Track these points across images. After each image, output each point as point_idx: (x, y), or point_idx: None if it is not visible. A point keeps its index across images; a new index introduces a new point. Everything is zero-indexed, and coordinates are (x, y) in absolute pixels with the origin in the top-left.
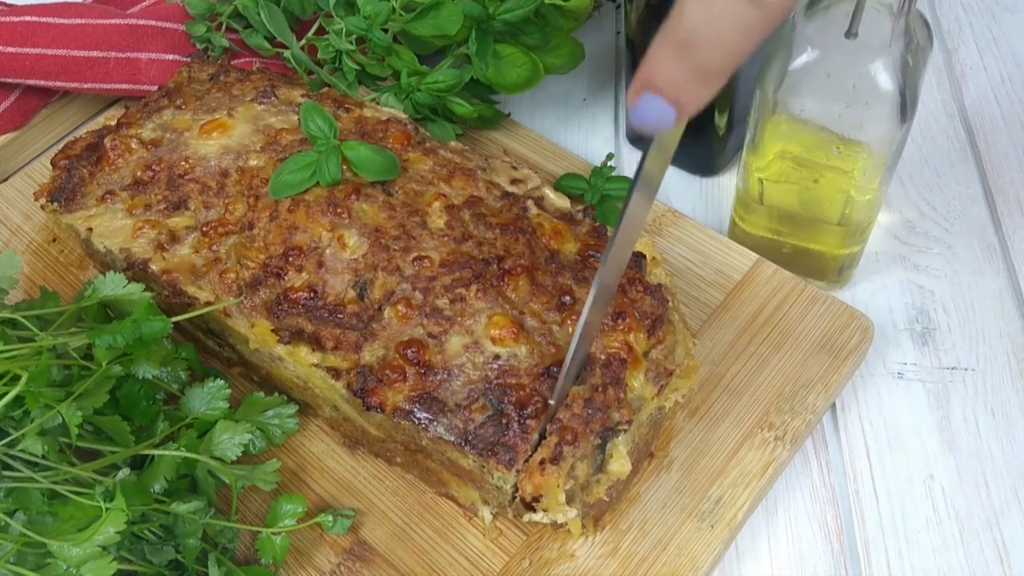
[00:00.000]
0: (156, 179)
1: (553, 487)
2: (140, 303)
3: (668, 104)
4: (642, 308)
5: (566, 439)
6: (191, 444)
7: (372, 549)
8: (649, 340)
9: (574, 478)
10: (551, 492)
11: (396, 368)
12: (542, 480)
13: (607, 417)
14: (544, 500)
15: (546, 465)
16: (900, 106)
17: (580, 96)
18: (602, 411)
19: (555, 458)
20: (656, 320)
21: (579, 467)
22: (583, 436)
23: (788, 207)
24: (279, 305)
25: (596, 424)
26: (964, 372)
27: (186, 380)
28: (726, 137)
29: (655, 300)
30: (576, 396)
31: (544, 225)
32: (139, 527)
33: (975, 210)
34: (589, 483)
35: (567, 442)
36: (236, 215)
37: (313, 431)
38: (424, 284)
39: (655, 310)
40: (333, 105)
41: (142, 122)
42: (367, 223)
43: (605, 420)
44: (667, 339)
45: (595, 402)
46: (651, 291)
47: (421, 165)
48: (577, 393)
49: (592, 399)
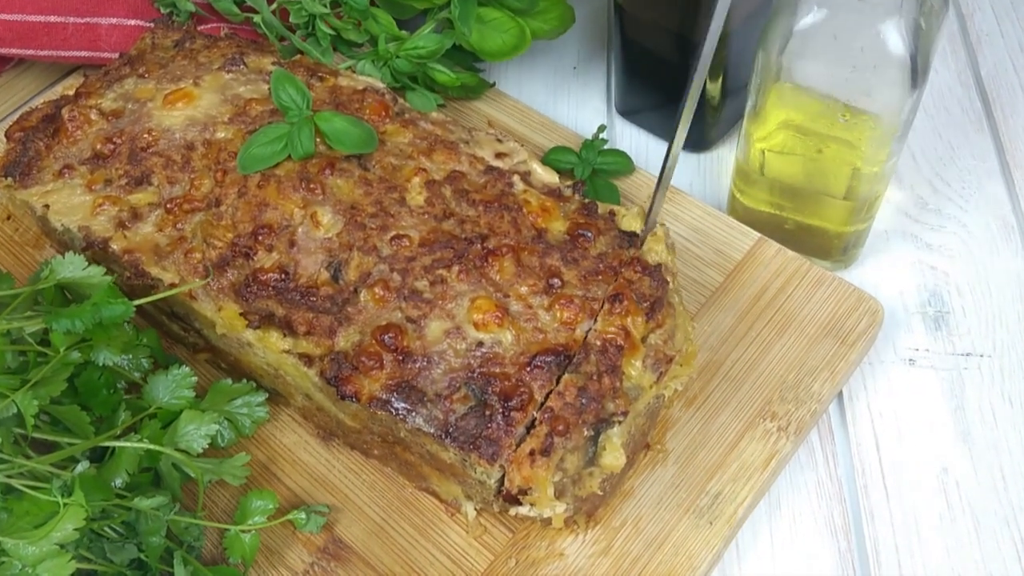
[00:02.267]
0: (117, 153)
1: (542, 480)
2: (100, 285)
3: None
4: (640, 290)
5: (557, 430)
6: (154, 435)
7: (348, 548)
8: (647, 324)
9: (563, 471)
10: (540, 485)
11: (372, 355)
12: (531, 473)
13: (601, 407)
14: (532, 494)
15: (536, 457)
16: (911, 72)
17: (570, 64)
18: (596, 401)
19: (545, 449)
20: (655, 302)
21: (569, 459)
22: (575, 427)
23: (790, 180)
24: (248, 287)
25: (590, 415)
26: (980, 358)
27: (149, 367)
28: (720, 107)
29: (654, 281)
30: (568, 384)
31: (531, 202)
32: (99, 524)
33: (991, 186)
34: (581, 476)
35: (558, 433)
36: (202, 191)
37: (285, 422)
38: (402, 265)
39: (654, 291)
40: (306, 73)
41: (102, 92)
42: (342, 200)
43: (599, 411)
44: (667, 323)
45: (589, 391)
46: (650, 271)
47: (400, 138)
48: (570, 381)
49: (586, 388)
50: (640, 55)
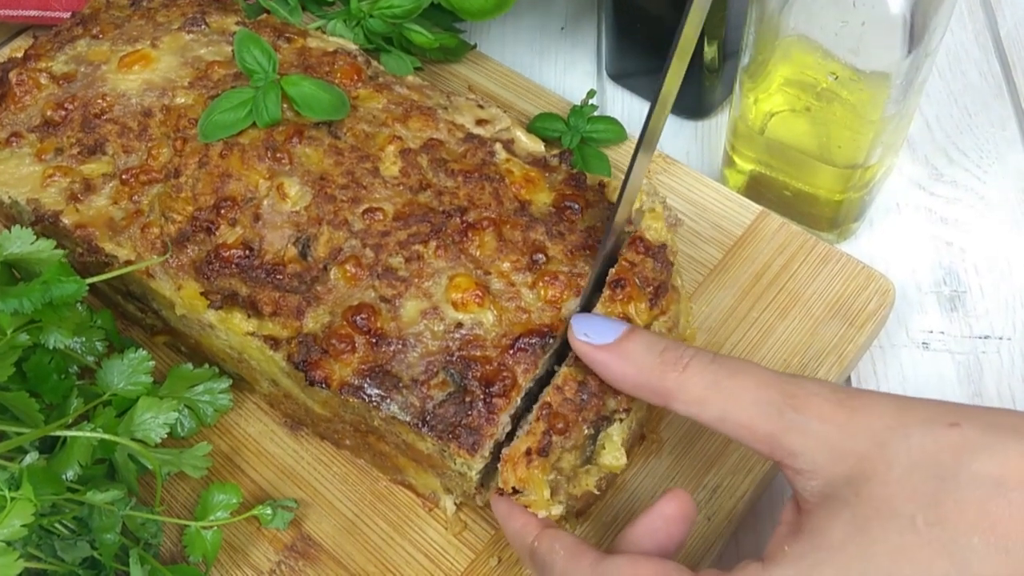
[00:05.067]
0: (69, 119)
1: (539, 482)
2: (50, 262)
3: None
4: (643, 273)
5: (556, 428)
6: (109, 424)
7: (317, 545)
8: (651, 311)
9: (558, 469)
10: (536, 487)
11: (343, 337)
12: (527, 474)
13: (602, 404)
14: (527, 495)
15: (532, 456)
16: (908, 32)
17: (557, 24)
18: (598, 396)
19: (543, 449)
20: (659, 287)
21: (565, 458)
22: (575, 425)
23: (790, 141)
24: (209, 264)
25: (590, 412)
26: (999, 341)
27: (103, 351)
28: (718, 72)
29: (658, 263)
30: (568, 378)
31: (514, 172)
32: (49, 520)
33: (1011, 155)
34: (577, 474)
35: (557, 432)
36: (160, 161)
37: (249, 409)
38: (376, 240)
39: (658, 275)
40: (272, 34)
41: (53, 54)
42: (311, 170)
43: (600, 407)
44: (671, 309)
45: (590, 386)
46: (653, 252)
47: (373, 103)
48: (570, 375)
49: (586, 382)
50: (633, 14)
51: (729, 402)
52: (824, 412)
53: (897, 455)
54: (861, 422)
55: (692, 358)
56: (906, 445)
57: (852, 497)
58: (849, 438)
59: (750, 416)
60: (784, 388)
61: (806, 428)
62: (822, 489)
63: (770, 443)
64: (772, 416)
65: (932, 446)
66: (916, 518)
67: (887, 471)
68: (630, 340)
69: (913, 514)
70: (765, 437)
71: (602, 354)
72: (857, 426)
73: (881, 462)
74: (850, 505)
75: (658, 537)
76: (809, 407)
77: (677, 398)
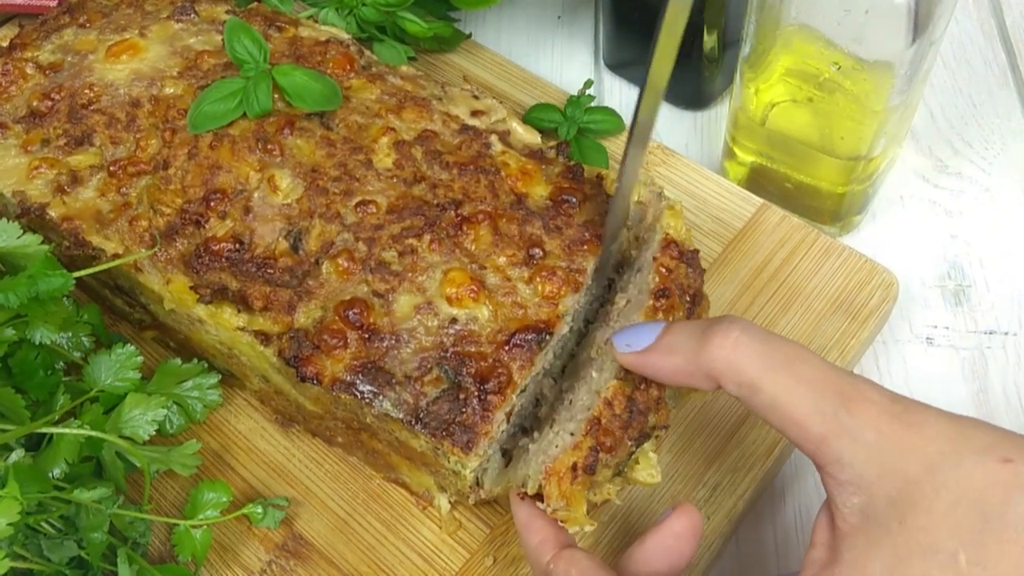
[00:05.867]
0: (55, 110)
1: (580, 498)
2: (36, 256)
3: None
4: (679, 280)
5: (604, 445)
6: (96, 421)
7: (309, 544)
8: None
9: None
10: (577, 503)
11: (335, 332)
12: (570, 490)
13: (646, 420)
14: (565, 511)
15: (578, 473)
16: (912, 21)
17: (554, 13)
18: (643, 413)
19: (589, 466)
20: (695, 295)
21: (602, 472)
22: (621, 443)
23: (792, 133)
24: (199, 258)
25: (635, 429)
26: (1004, 336)
27: (90, 346)
28: (718, 61)
29: (691, 269)
30: (618, 393)
31: (510, 164)
32: (35, 518)
33: (1017, 146)
34: (603, 484)
35: (605, 449)
36: (149, 152)
37: (239, 406)
38: (368, 234)
39: (693, 282)
40: (263, 23)
41: (39, 43)
42: (302, 162)
43: (643, 424)
44: (704, 317)
45: (637, 402)
46: (687, 257)
47: (366, 94)
48: (619, 389)
49: (634, 398)
50: (631, 3)
51: (782, 392)
52: (880, 424)
53: (946, 484)
54: (915, 441)
55: (741, 333)
56: (955, 475)
57: (895, 525)
58: (900, 457)
59: (803, 412)
60: (841, 387)
61: (859, 437)
62: (863, 507)
63: (817, 445)
64: (827, 416)
65: (982, 481)
66: (959, 556)
67: (934, 501)
68: (669, 333)
69: (955, 551)
70: (815, 437)
71: (647, 357)
72: (910, 445)
73: (929, 489)
74: (892, 534)
75: (670, 556)
76: (865, 414)
77: (729, 379)
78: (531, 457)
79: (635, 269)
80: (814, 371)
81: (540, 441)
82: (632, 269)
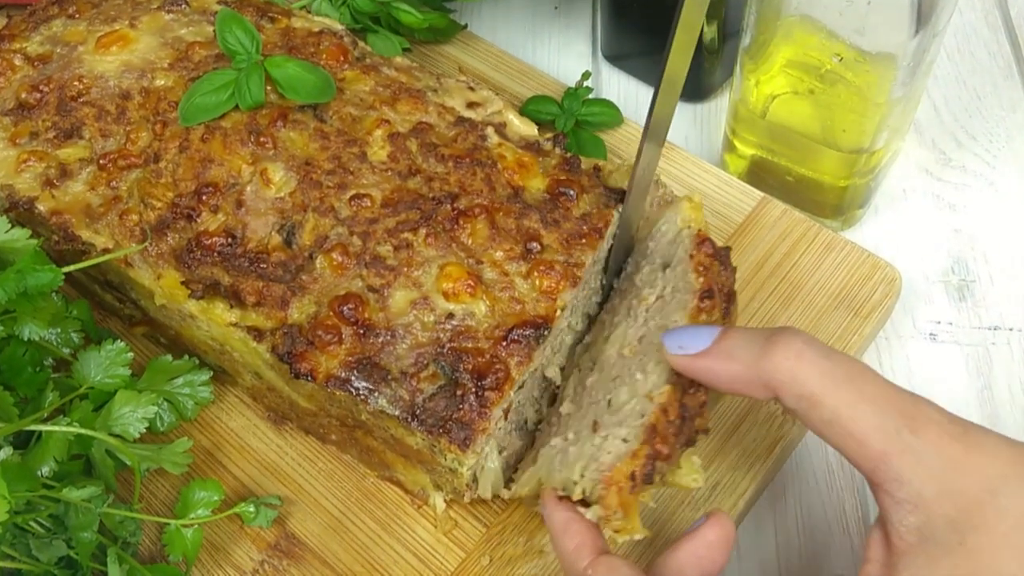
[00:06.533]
0: (44, 102)
1: (635, 506)
2: (25, 250)
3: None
4: (717, 279)
5: (661, 453)
6: (86, 419)
7: (302, 544)
8: (724, 320)
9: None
10: (633, 513)
11: (329, 328)
12: (630, 499)
13: (693, 426)
14: (621, 520)
15: (637, 482)
16: (915, 12)
17: (551, 3)
18: (691, 419)
19: (648, 475)
20: (729, 294)
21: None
22: (675, 450)
23: (794, 126)
24: (190, 253)
25: (683, 436)
26: (1009, 332)
27: (80, 342)
28: (718, 53)
29: (724, 268)
30: (671, 398)
31: (506, 157)
32: (24, 517)
33: (1022, 139)
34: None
35: (662, 457)
36: (139, 145)
37: (231, 403)
38: (363, 228)
39: (726, 280)
40: (255, 14)
41: (27, 34)
42: (295, 155)
43: (692, 430)
44: (736, 318)
45: (688, 407)
46: (720, 255)
47: (360, 85)
48: (672, 394)
49: (685, 404)
50: None
51: (844, 407)
52: (941, 444)
53: (1008, 507)
54: (976, 462)
55: (804, 345)
56: (1017, 498)
57: (956, 546)
58: (961, 478)
59: (864, 429)
60: (903, 406)
61: (921, 456)
62: (920, 527)
63: (876, 463)
64: (889, 435)
65: None
66: None
67: (996, 523)
68: (728, 338)
69: (1017, 573)
70: (874, 455)
71: (704, 360)
72: (971, 466)
73: (991, 511)
74: (952, 554)
75: (703, 564)
76: (927, 433)
77: (789, 391)
78: (571, 460)
79: (656, 262)
80: (876, 389)
81: (580, 444)
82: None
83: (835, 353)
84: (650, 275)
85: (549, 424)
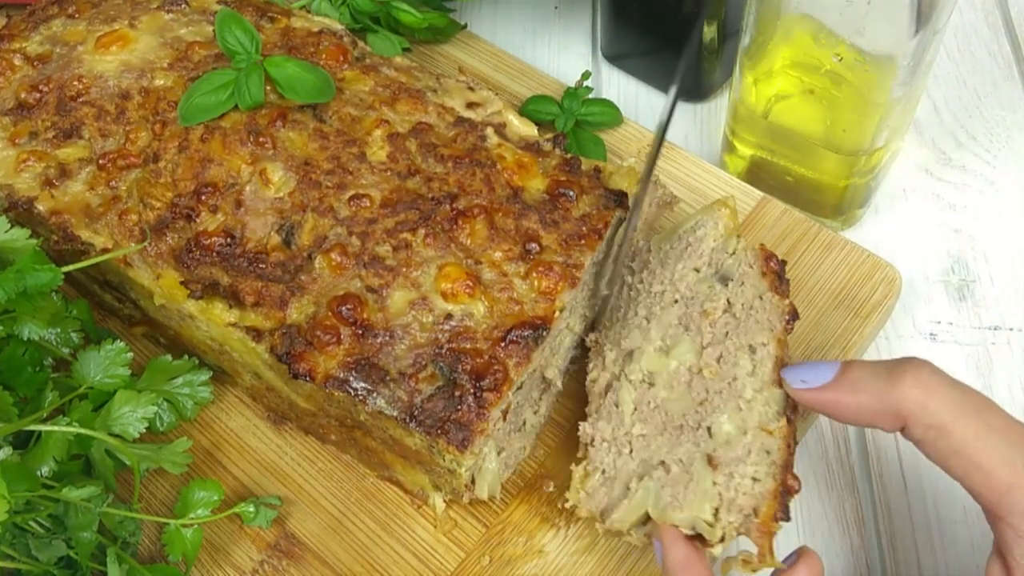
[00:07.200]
0: (44, 102)
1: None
2: (24, 250)
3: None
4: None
5: (792, 488)
6: (85, 418)
7: (301, 544)
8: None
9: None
10: (771, 548)
11: (328, 328)
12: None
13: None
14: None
15: (778, 523)
16: (915, 12)
17: (551, 4)
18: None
19: (786, 511)
20: (792, 310)
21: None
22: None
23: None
24: (190, 252)
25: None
26: (1009, 332)
27: (79, 342)
28: (718, 53)
29: (782, 283)
30: (790, 432)
31: (506, 157)
32: (23, 517)
33: (1022, 139)
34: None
35: (792, 492)
36: (139, 145)
37: (231, 403)
38: (362, 228)
39: (786, 295)
40: (255, 14)
41: (27, 34)
42: (295, 155)
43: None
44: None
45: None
46: (780, 268)
47: (360, 85)
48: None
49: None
50: None
51: (972, 439)
52: None
53: None
54: None
55: (931, 375)
56: None
57: None
58: None
59: (991, 460)
60: None
61: None
62: None
63: (1002, 495)
64: (1016, 467)
65: None
66: None
67: None
68: (852, 371)
69: None
70: (1001, 487)
71: (830, 393)
72: None
73: None
74: None
75: None
76: None
77: (919, 420)
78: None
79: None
80: (1003, 421)
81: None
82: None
83: (961, 384)
84: (702, 286)
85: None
